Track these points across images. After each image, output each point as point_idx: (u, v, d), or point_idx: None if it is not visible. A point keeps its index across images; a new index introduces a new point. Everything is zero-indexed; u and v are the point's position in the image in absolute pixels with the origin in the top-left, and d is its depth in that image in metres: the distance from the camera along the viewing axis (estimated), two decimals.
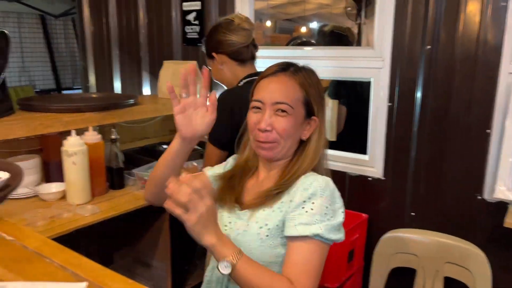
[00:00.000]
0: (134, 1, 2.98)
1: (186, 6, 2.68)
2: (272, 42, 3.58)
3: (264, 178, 1.11)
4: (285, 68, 1.08)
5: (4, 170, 0.89)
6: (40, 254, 0.61)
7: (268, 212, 1.02)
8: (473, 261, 1.77)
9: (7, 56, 1.77)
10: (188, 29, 2.70)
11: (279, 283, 0.89)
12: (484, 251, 1.75)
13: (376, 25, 1.98)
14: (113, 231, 1.68)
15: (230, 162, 1.21)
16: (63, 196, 1.73)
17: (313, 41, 3.39)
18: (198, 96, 1.02)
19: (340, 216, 0.99)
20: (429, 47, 1.83)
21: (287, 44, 3.31)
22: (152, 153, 2.25)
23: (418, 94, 1.88)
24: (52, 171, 1.84)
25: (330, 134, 2.46)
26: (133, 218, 1.72)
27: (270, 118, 1.03)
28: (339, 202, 1.01)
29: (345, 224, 2.10)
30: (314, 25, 3.61)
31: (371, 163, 2.07)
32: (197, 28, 2.65)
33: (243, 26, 1.64)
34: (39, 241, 0.64)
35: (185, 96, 1.00)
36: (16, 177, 0.88)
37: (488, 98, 1.72)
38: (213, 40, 1.68)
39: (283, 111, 1.02)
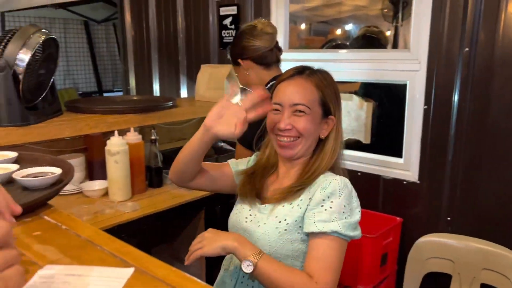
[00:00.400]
0: (173, 7, 3.08)
1: (223, 11, 2.75)
2: (307, 44, 3.58)
3: (283, 175, 1.17)
4: (301, 71, 1.14)
5: (57, 166, 0.98)
6: (92, 242, 0.67)
7: (288, 208, 1.07)
8: None
9: (56, 61, 1.89)
10: (224, 33, 2.77)
11: (298, 277, 0.96)
12: None
13: (412, 27, 1.97)
14: (151, 228, 1.76)
15: (252, 158, 1.28)
16: (105, 193, 1.83)
17: (347, 43, 3.38)
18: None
19: (357, 215, 1.05)
20: (467, 49, 1.79)
21: (322, 47, 3.31)
22: None
23: (455, 97, 1.85)
24: (95, 169, 1.95)
25: (365, 136, 2.45)
26: (170, 215, 1.79)
27: (289, 118, 1.09)
28: (355, 202, 1.06)
29: (379, 227, 2.08)
30: (350, 27, 3.59)
31: (406, 166, 2.05)
32: (233, 33, 2.71)
33: (266, 30, 1.67)
34: (91, 231, 0.71)
35: (235, 101, 1.02)
36: (68, 173, 0.96)
37: None
38: (238, 47, 1.72)
39: (300, 111, 1.09)
